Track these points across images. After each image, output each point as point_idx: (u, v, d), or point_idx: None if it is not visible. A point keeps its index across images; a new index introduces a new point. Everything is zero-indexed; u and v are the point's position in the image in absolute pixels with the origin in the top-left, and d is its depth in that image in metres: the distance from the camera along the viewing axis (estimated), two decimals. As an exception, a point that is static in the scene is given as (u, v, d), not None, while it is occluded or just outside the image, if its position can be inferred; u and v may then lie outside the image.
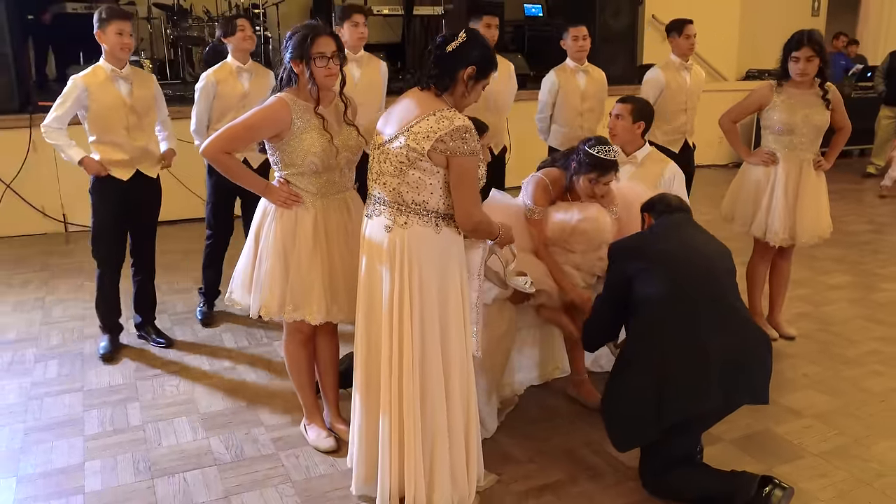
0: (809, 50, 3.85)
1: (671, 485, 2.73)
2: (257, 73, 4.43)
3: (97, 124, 3.83)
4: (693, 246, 2.81)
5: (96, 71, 3.83)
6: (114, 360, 4.02)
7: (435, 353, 2.53)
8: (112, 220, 3.97)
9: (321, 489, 2.88)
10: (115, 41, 3.76)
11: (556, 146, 5.10)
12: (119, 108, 3.83)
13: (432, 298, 2.51)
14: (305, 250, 2.87)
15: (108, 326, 4.14)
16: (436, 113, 2.44)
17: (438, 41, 2.52)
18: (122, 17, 3.77)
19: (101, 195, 3.93)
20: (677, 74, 5.09)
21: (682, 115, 5.11)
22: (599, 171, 3.18)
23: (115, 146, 3.86)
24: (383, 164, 2.52)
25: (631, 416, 2.67)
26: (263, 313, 2.92)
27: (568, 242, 3.25)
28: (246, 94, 4.34)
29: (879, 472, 3.00)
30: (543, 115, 5.20)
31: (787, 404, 3.53)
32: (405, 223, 2.49)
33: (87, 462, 3.08)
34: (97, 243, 4.00)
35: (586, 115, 5.07)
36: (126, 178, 3.92)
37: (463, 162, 2.44)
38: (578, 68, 5.06)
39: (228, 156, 2.83)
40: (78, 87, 3.76)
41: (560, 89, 5.04)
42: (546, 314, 3.40)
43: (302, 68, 2.78)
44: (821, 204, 4.16)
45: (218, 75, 4.34)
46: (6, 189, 6.39)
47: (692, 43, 5.06)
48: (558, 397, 3.61)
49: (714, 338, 2.58)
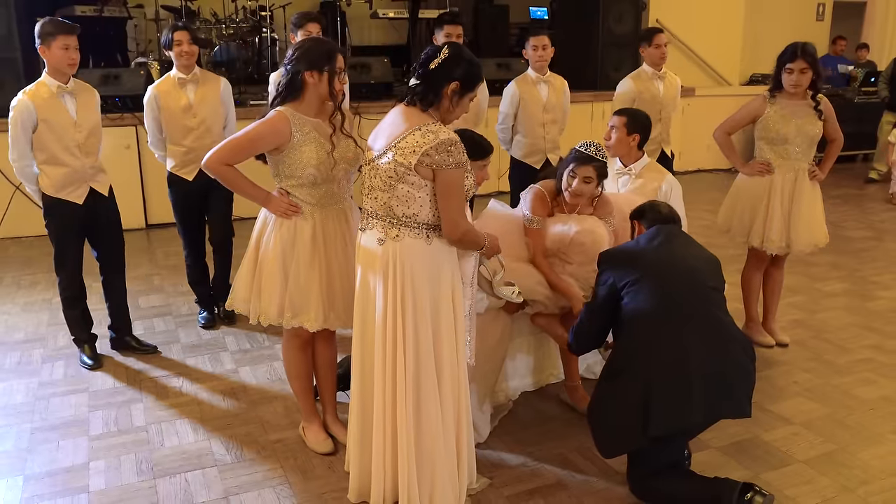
0: (803, 62, 3.92)
1: (657, 490, 2.81)
2: (204, 81, 4.38)
3: (44, 143, 3.72)
4: (681, 258, 2.87)
5: (39, 88, 3.73)
6: (101, 367, 4.05)
7: (428, 361, 2.61)
8: (73, 240, 3.92)
9: (318, 491, 2.97)
10: (61, 56, 3.67)
11: (520, 157, 5.15)
12: (68, 126, 3.75)
13: (425, 308, 2.59)
14: (304, 259, 2.96)
15: (83, 339, 4.13)
16: (421, 128, 2.51)
17: (422, 58, 2.59)
18: (68, 32, 3.68)
19: (55, 218, 3.87)
20: (650, 84, 5.11)
21: (656, 126, 5.00)
22: (576, 163, 3.25)
23: (65, 166, 3.78)
24: (374, 180, 2.60)
25: (616, 424, 2.74)
26: (263, 319, 3.01)
27: (565, 254, 3.33)
28: (190, 105, 4.30)
29: (863, 479, 3.06)
30: (504, 126, 5.19)
31: (777, 411, 3.60)
32: (396, 236, 2.57)
33: (91, 462, 3.18)
34: (60, 259, 3.94)
35: (548, 126, 5.08)
36: (81, 202, 3.86)
37: (449, 174, 2.51)
38: (540, 78, 5.04)
39: (230, 168, 2.91)
40: (26, 108, 3.66)
41: (521, 100, 5.03)
42: (541, 323, 3.47)
43: (317, 80, 2.84)
44: (816, 212, 4.21)
45: (160, 88, 4.31)
46: (15, 191, 6.50)
47: (663, 52, 5.07)
48: (552, 403, 3.69)
49: (698, 351, 2.64)
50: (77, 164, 3.82)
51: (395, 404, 2.61)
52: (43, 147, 3.74)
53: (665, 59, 5.13)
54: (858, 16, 11.51)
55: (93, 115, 3.90)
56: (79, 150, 3.81)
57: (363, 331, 2.71)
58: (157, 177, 6.49)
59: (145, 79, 7.03)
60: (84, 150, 3.84)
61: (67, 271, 3.99)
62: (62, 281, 4.02)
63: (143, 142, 4.60)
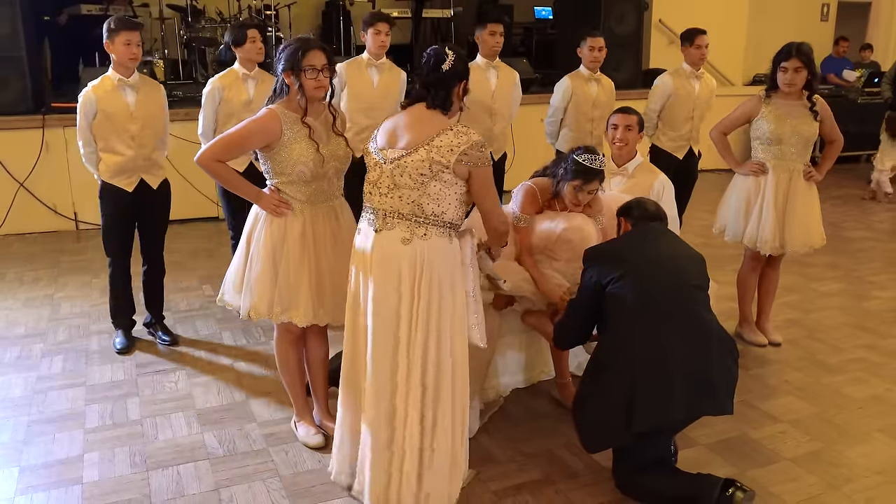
0: (797, 61, 3.94)
1: (642, 486, 2.84)
2: (262, 79, 4.54)
3: (102, 132, 3.94)
4: (667, 256, 2.89)
5: (104, 81, 3.95)
6: (130, 353, 4.21)
7: (447, 357, 2.66)
8: (120, 224, 4.12)
9: (307, 483, 3.01)
10: (123, 51, 3.87)
11: (566, 151, 5.20)
12: (124, 117, 3.95)
13: (448, 305, 2.64)
14: (294, 255, 3.00)
15: (121, 322, 4.31)
16: (452, 128, 2.58)
17: (432, 63, 2.63)
18: (131, 28, 3.88)
19: (107, 202, 4.09)
20: (686, 82, 5.20)
21: (688, 123, 5.22)
22: (584, 179, 3.27)
23: (119, 155, 3.98)
24: (399, 178, 2.59)
25: (600, 419, 2.77)
26: (253, 314, 3.05)
27: (552, 251, 3.36)
28: (250, 100, 4.46)
29: (848, 477, 3.08)
30: (554, 119, 5.32)
31: (766, 410, 3.62)
32: (424, 234, 2.60)
33: (86, 454, 3.23)
34: (107, 240, 4.17)
35: (596, 122, 5.20)
36: (131, 190, 4.06)
37: (485, 172, 2.61)
38: (591, 77, 5.21)
39: (221, 164, 2.96)
40: (88, 100, 3.89)
41: (573, 95, 5.18)
42: (531, 321, 3.51)
43: (292, 80, 2.91)
44: (812, 214, 4.21)
45: (223, 81, 4.48)
46: (19, 188, 6.58)
47: (703, 53, 5.16)
48: (543, 400, 3.72)
49: (679, 350, 2.67)
50: (131, 153, 3.99)
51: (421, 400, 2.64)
52: (101, 135, 3.96)
53: (704, 60, 5.24)
54: (863, 16, 11.49)
55: (153, 108, 4.07)
56: (133, 140, 3.99)
57: (355, 327, 2.74)
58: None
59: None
60: (139, 142, 4.01)
61: (114, 255, 4.18)
62: (109, 262, 4.22)
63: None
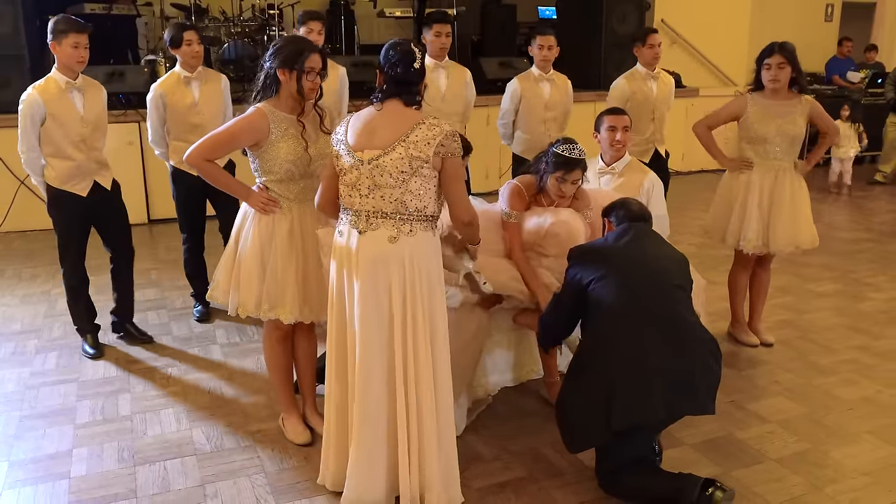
0: (780, 57, 3.95)
1: (623, 485, 2.84)
2: (206, 79, 4.48)
3: (51, 137, 3.82)
4: (652, 256, 2.90)
5: (49, 83, 3.82)
6: (103, 356, 4.16)
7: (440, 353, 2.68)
8: (78, 230, 4.03)
9: (291, 480, 3.03)
10: (71, 54, 3.76)
11: (519, 153, 5.21)
12: (75, 121, 3.84)
13: (438, 297, 2.67)
14: (281, 253, 3.02)
15: (86, 329, 4.25)
16: (424, 121, 2.59)
17: (403, 60, 2.64)
18: (80, 30, 3.77)
19: (60, 210, 3.98)
20: (643, 84, 5.11)
21: (649, 125, 5.11)
22: (565, 170, 3.30)
23: (70, 159, 3.88)
24: (379, 178, 2.59)
25: (582, 419, 2.78)
26: (241, 311, 3.08)
27: (541, 246, 3.37)
28: (196, 103, 4.39)
29: (833, 478, 3.08)
30: (505, 122, 5.27)
31: (754, 410, 3.62)
32: (410, 231, 2.62)
33: (75, 449, 3.26)
34: (65, 250, 4.05)
35: (549, 124, 5.11)
36: (85, 194, 3.97)
37: (456, 162, 2.62)
38: (543, 76, 5.10)
39: (210, 163, 2.99)
40: (35, 102, 3.75)
41: (522, 97, 5.09)
42: (523, 321, 3.52)
43: (287, 78, 2.92)
44: (799, 213, 4.19)
45: (164, 87, 4.39)
46: (20, 185, 6.62)
47: (656, 52, 5.07)
48: (531, 399, 3.73)
49: (659, 349, 2.68)
50: (82, 157, 3.92)
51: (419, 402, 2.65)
52: (50, 140, 3.84)
53: (658, 59, 5.13)
54: (868, 17, 11.45)
55: (99, 110, 4.01)
56: (84, 144, 3.92)
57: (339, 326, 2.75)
58: (159, 172, 6.61)
59: (149, 76, 7.13)
60: (89, 145, 3.94)
61: (70, 262, 4.10)
62: (65, 271, 4.13)
63: (146, 138, 4.69)
